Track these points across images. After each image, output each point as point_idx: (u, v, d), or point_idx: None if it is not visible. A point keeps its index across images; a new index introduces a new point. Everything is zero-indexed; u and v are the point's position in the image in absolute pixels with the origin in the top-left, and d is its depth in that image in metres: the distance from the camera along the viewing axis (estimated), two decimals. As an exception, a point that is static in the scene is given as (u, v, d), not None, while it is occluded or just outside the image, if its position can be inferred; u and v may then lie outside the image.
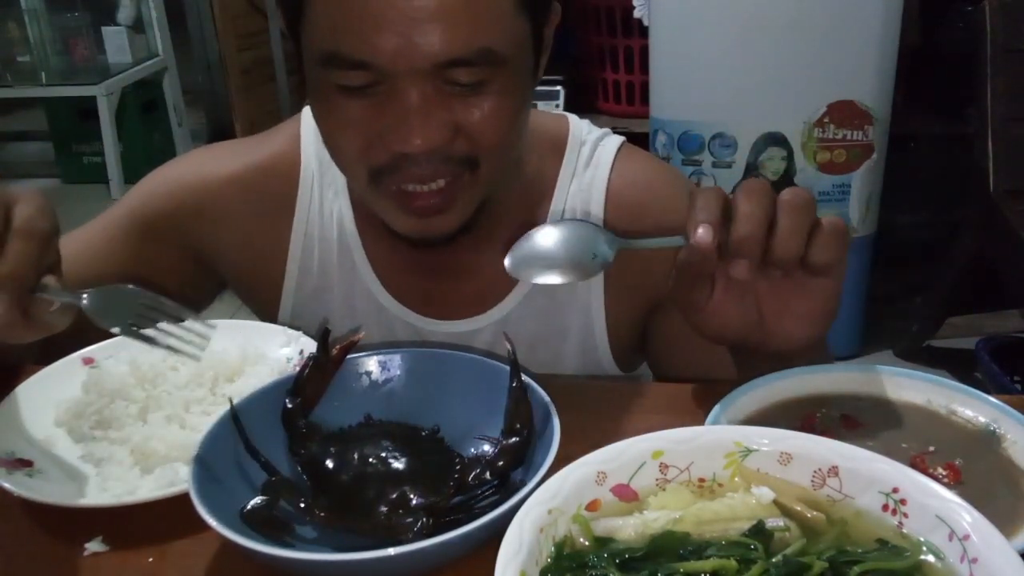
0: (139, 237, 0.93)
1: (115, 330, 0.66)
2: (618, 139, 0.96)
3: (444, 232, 0.80)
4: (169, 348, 0.68)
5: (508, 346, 0.65)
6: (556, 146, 0.94)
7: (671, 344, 0.92)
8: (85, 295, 0.65)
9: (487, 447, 0.64)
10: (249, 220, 0.94)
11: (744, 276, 0.63)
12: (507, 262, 0.66)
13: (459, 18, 0.68)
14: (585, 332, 0.93)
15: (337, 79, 0.72)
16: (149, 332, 0.67)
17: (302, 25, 0.73)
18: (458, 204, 0.78)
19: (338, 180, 0.93)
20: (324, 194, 0.94)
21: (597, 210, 0.91)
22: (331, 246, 0.94)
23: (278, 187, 0.94)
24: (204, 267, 0.97)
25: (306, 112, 0.95)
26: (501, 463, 0.62)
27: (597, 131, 0.97)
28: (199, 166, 0.96)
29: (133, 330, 0.66)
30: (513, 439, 0.62)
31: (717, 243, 0.62)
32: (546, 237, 0.66)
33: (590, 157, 0.93)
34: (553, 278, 0.66)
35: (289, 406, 0.66)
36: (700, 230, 0.62)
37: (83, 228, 0.96)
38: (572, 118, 0.97)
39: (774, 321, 0.69)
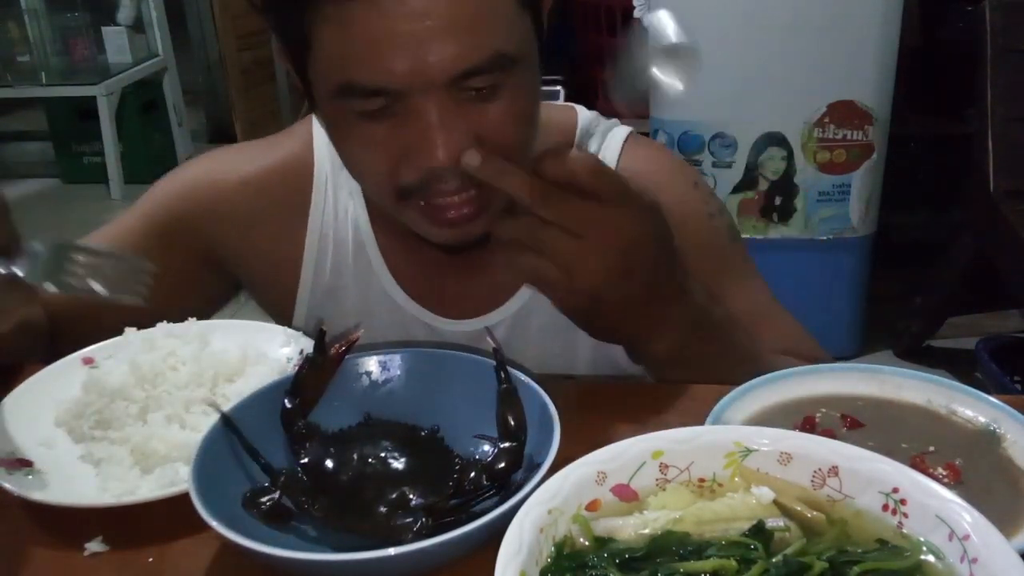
0: (155, 241, 0.93)
1: (48, 286, 0.65)
2: (626, 129, 0.97)
3: (477, 236, 0.80)
4: (106, 292, 0.67)
5: (491, 343, 0.65)
6: (565, 138, 0.94)
7: None
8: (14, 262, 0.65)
9: (487, 447, 0.64)
10: (264, 222, 0.94)
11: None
12: None
13: (467, 29, 0.68)
14: None
15: (354, 107, 0.71)
16: (84, 282, 0.66)
17: (309, 62, 0.73)
18: (490, 209, 0.77)
19: (351, 181, 0.93)
20: (338, 195, 0.94)
21: None
22: (346, 247, 0.94)
23: (292, 189, 0.94)
24: (219, 269, 0.97)
25: None
26: (499, 466, 0.61)
27: (605, 122, 0.97)
28: (212, 170, 0.96)
29: (68, 284, 0.65)
30: (508, 443, 0.62)
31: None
32: None
33: (598, 149, 0.94)
34: None
35: (288, 406, 0.66)
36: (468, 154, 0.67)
37: (96, 233, 0.97)
38: (580, 109, 0.98)
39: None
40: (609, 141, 0.94)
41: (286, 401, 0.66)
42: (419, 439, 0.65)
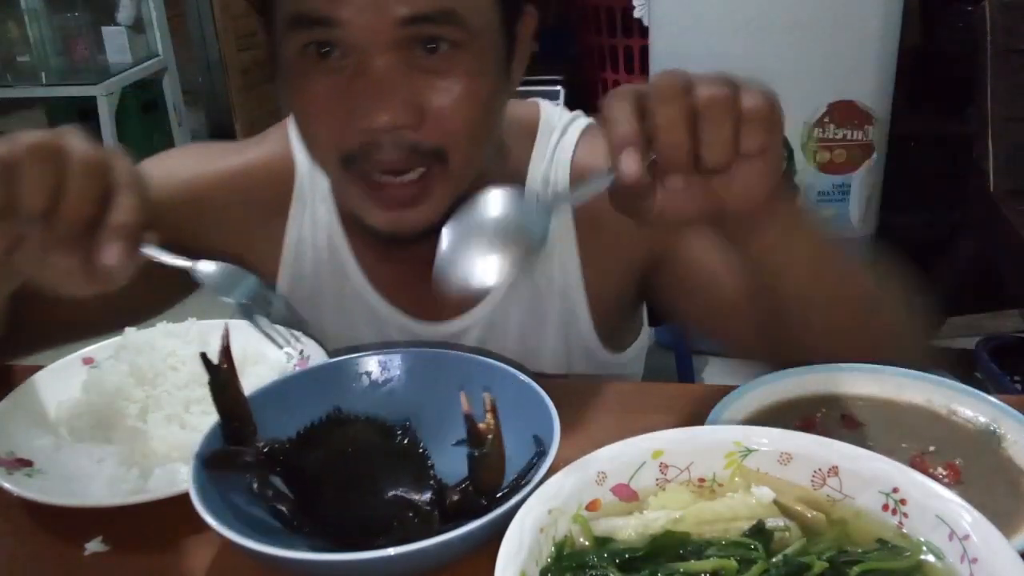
0: None
1: (228, 301, 0.65)
2: (586, 120, 0.96)
3: (416, 227, 0.78)
4: (269, 337, 0.67)
5: (464, 408, 0.58)
6: (528, 136, 0.93)
7: (691, 282, 0.89)
8: (198, 263, 0.64)
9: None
10: (241, 221, 0.93)
11: (679, 187, 0.60)
12: (436, 275, 0.60)
13: None
14: (567, 315, 0.93)
15: (304, 39, 0.72)
16: (258, 318, 0.66)
17: (274, 8, 0.74)
18: (432, 198, 0.76)
19: (323, 185, 0.93)
20: (315, 198, 0.94)
21: (562, 190, 0.90)
22: (322, 252, 0.94)
23: (271, 189, 0.94)
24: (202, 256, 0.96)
25: None
26: (453, 502, 0.60)
27: (568, 115, 0.96)
28: (191, 162, 0.95)
29: (246, 306, 0.65)
30: (469, 500, 0.59)
31: (640, 172, 0.58)
32: (472, 230, 0.60)
33: (557, 142, 0.93)
34: (491, 277, 0.59)
35: (231, 440, 0.63)
36: (624, 163, 0.58)
37: None
38: (543, 104, 0.97)
39: (723, 190, 0.64)
40: (568, 134, 0.93)
41: (225, 438, 0.64)
42: (391, 436, 0.64)
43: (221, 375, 0.63)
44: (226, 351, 0.64)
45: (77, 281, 0.61)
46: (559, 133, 0.93)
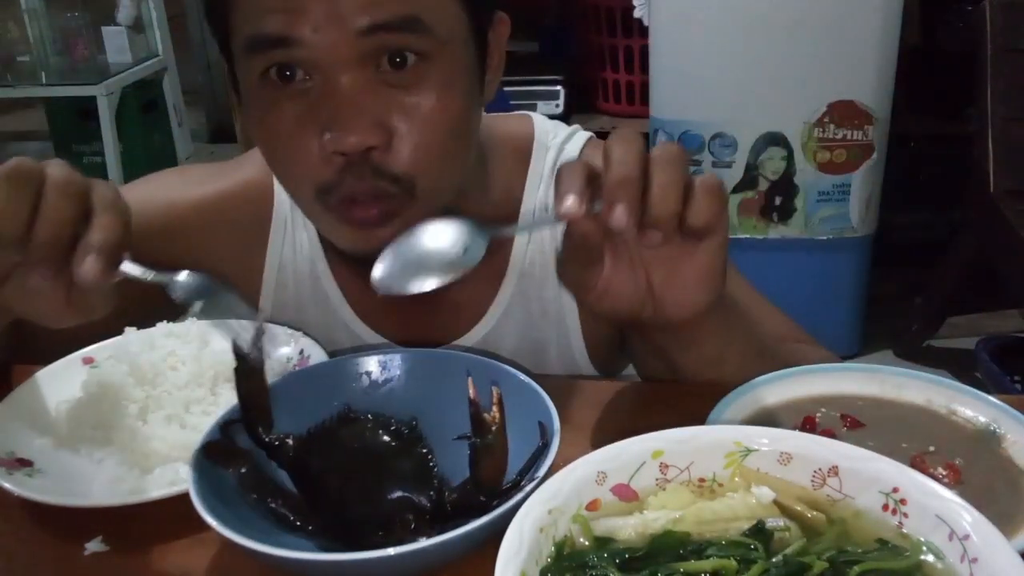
0: None
1: (196, 317, 0.65)
2: (584, 136, 0.94)
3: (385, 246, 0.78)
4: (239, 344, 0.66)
5: (471, 395, 0.60)
6: (521, 154, 0.91)
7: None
8: (178, 276, 0.64)
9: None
10: (220, 248, 0.91)
11: (622, 223, 0.58)
12: (375, 276, 0.63)
13: None
14: (562, 342, 0.93)
15: (262, 63, 0.70)
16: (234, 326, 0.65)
17: (231, 36, 0.72)
18: (400, 218, 0.74)
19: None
20: (296, 226, 0.92)
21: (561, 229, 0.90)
22: (304, 279, 0.92)
23: (250, 218, 0.92)
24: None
25: None
26: (453, 499, 0.60)
27: (563, 132, 0.94)
28: (168, 188, 0.93)
29: (224, 324, 0.65)
30: (469, 498, 0.60)
31: (584, 209, 0.58)
32: (414, 242, 0.64)
33: (555, 161, 0.91)
34: (425, 284, 0.62)
35: (248, 424, 0.63)
36: (566, 201, 0.58)
37: None
38: (536, 119, 0.94)
39: (664, 290, 0.65)
40: (566, 153, 0.91)
41: (242, 422, 0.64)
42: (399, 436, 0.64)
43: (248, 362, 0.63)
44: (258, 340, 0.64)
45: (58, 309, 0.61)
46: (556, 152, 0.91)
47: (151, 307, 0.90)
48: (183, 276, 0.64)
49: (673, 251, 0.64)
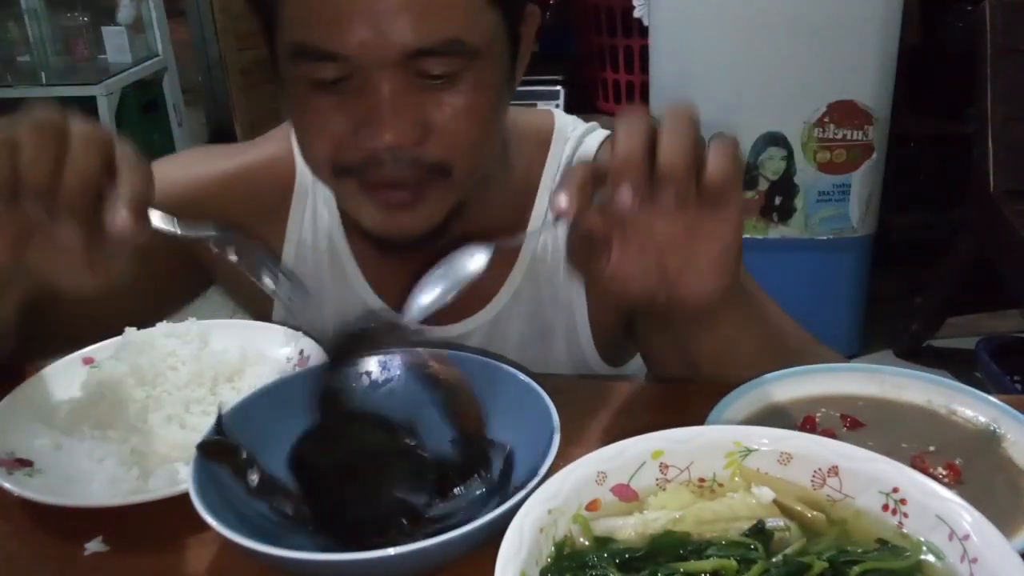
0: None
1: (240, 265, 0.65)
2: (603, 133, 0.95)
3: (411, 231, 0.78)
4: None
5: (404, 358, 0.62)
6: (541, 144, 0.93)
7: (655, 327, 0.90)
8: (212, 228, 0.65)
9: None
10: (243, 220, 0.92)
11: (626, 203, 0.58)
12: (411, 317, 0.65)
13: (427, 8, 0.68)
14: (570, 329, 0.94)
15: (307, 72, 0.71)
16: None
17: (276, 24, 0.73)
18: (428, 203, 0.76)
19: (325, 188, 0.92)
20: (316, 201, 0.94)
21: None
22: (323, 254, 0.94)
23: (272, 191, 0.94)
24: (194, 264, 0.96)
25: None
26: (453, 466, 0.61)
27: (583, 127, 0.96)
28: (191, 166, 0.95)
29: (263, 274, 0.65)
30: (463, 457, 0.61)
31: (578, 206, 0.59)
32: (434, 283, 0.67)
33: (573, 153, 0.93)
34: (440, 302, 0.65)
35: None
36: (559, 201, 0.59)
37: None
38: (558, 114, 0.97)
39: (679, 275, 0.65)
40: (585, 146, 0.93)
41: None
42: (395, 435, 0.64)
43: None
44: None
45: (80, 269, 0.60)
46: (575, 143, 0.93)
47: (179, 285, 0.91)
48: (211, 227, 0.65)
49: (686, 234, 0.63)
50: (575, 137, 0.94)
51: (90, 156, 0.58)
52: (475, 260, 0.65)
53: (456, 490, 0.60)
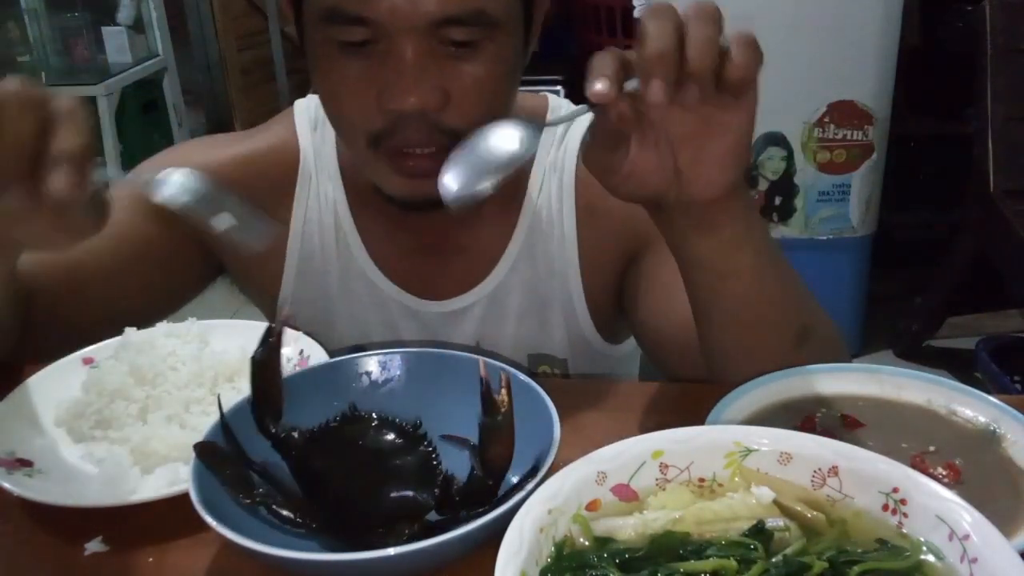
0: (140, 217, 0.93)
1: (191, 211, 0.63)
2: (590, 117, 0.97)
3: (434, 195, 0.79)
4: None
5: (482, 373, 0.60)
6: (537, 119, 0.95)
7: (648, 297, 0.91)
8: (155, 179, 0.62)
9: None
10: (252, 202, 0.94)
11: (660, 98, 0.58)
12: (442, 182, 0.64)
13: None
14: (566, 301, 0.96)
15: (336, 35, 0.75)
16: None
17: None
18: None
19: (331, 165, 0.96)
20: (320, 178, 0.97)
21: (568, 188, 0.94)
22: (328, 231, 0.96)
23: (277, 172, 0.96)
24: (204, 250, 0.98)
25: (298, 104, 0.99)
26: (460, 487, 0.60)
27: (576, 107, 0.97)
28: (197, 153, 0.97)
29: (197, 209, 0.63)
30: (475, 483, 0.60)
31: (616, 91, 0.59)
32: (472, 147, 0.66)
33: (564, 131, 0.96)
34: (488, 182, 0.64)
35: (257, 415, 0.64)
36: (596, 85, 0.59)
37: None
38: (552, 97, 1.00)
39: (690, 169, 0.65)
40: (576, 125, 0.95)
41: (253, 412, 0.64)
42: (404, 435, 0.64)
43: (264, 351, 0.64)
44: (279, 329, 0.64)
45: (47, 232, 0.60)
46: (564, 125, 0.96)
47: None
48: (176, 175, 0.63)
49: (701, 127, 0.64)
50: (568, 115, 0.96)
51: (22, 120, 0.57)
52: (509, 139, 0.65)
53: (460, 513, 0.60)
